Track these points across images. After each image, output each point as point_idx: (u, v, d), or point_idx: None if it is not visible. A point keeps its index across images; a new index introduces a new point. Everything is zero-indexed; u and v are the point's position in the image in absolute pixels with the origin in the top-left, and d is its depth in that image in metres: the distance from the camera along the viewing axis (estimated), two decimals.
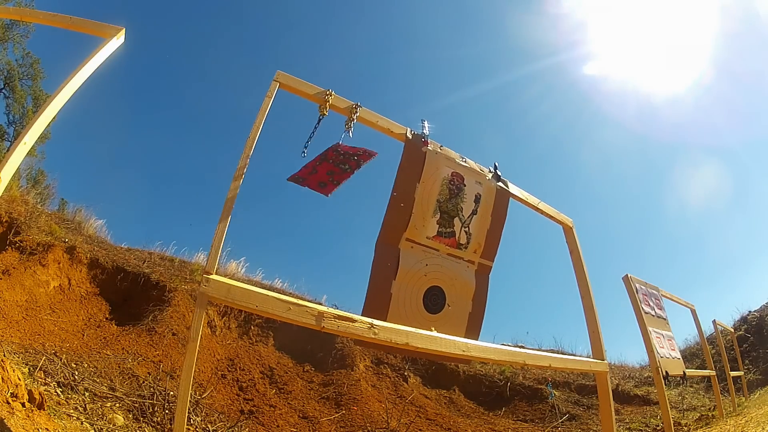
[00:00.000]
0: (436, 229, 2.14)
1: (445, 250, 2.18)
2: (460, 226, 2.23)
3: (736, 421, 4.40)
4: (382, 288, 1.97)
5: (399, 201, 2.03)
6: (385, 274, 1.99)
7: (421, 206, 2.09)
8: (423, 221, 2.10)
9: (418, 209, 2.08)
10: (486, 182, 2.36)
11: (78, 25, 2.03)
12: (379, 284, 1.97)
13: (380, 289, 1.97)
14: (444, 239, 2.17)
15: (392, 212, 2.02)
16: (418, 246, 2.09)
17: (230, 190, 1.53)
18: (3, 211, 5.46)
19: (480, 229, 2.30)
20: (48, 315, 4.58)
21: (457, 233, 2.21)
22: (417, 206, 2.08)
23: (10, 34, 12.00)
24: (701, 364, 7.87)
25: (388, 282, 1.99)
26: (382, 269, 1.99)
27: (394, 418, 4.67)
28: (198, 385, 4.39)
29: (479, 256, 2.31)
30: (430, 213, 2.13)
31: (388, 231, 2.03)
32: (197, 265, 7.43)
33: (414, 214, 2.07)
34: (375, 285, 1.97)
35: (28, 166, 10.46)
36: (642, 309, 3.89)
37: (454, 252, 2.21)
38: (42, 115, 1.63)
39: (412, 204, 2.06)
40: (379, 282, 1.98)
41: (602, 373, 2.49)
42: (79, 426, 2.47)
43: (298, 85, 1.82)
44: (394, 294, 1.99)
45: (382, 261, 2.00)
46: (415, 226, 2.08)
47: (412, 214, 2.06)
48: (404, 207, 2.04)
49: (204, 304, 1.36)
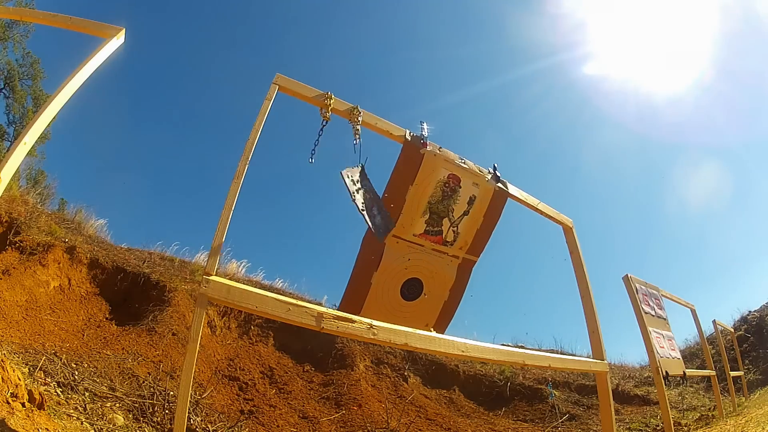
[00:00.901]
0: (424, 228, 2.20)
1: (430, 246, 2.24)
2: (449, 225, 2.28)
3: (736, 421, 4.40)
4: (363, 278, 2.07)
5: (389, 202, 2.08)
6: (367, 266, 2.08)
7: (411, 207, 2.14)
8: (411, 220, 2.15)
9: (407, 210, 2.13)
10: (483, 183, 2.37)
11: (78, 25, 2.03)
12: (361, 275, 2.07)
13: (361, 278, 2.07)
14: (430, 237, 2.23)
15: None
16: (404, 242, 2.16)
17: (230, 190, 1.53)
18: (3, 211, 5.47)
19: (469, 228, 2.34)
20: (48, 315, 4.58)
21: (445, 232, 2.27)
22: (407, 207, 2.13)
23: (10, 33, 12.01)
24: (701, 364, 7.86)
25: (369, 273, 2.08)
26: (365, 261, 2.08)
27: (394, 418, 4.67)
28: (198, 385, 4.39)
29: (464, 252, 2.37)
30: (420, 213, 2.17)
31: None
32: (197, 265, 7.43)
33: (403, 215, 2.13)
34: (356, 275, 2.06)
35: (28, 166, 10.48)
36: (642, 309, 3.89)
37: (438, 248, 2.27)
38: (42, 115, 1.63)
39: (402, 205, 2.12)
40: (361, 273, 2.07)
41: (602, 373, 2.49)
42: (79, 426, 2.47)
43: (298, 88, 1.82)
44: (373, 284, 2.09)
45: (367, 254, 2.09)
46: (403, 225, 2.14)
47: (401, 214, 2.12)
48: (394, 207, 2.09)
49: (204, 304, 1.36)
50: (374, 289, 2.09)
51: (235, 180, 1.55)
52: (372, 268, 2.09)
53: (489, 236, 2.42)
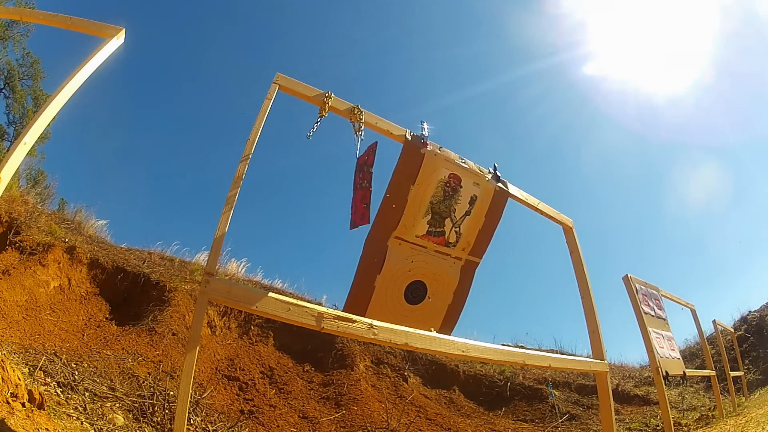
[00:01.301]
0: (426, 229, 2.18)
1: (432, 247, 2.23)
2: (451, 226, 2.26)
3: (736, 421, 4.40)
4: (366, 281, 2.04)
5: (391, 202, 2.07)
6: (370, 269, 2.06)
7: (412, 207, 2.12)
8: (413, 221, 2.14)
9: (409, 210, 2.12)
10: (484, 183, 2.36)
11: (78, 25, 2.03)
12: (364, 278, 2.04)
13: (364, 282, 2.04)
14: (433, 238, 2.21)
15: (384, 212, 2.06)
16: (406, 243, 2.14)
17: (230, 190, 1.53)
18: (3, 211, 5.46)
19: (471, 228, 2.33)
20: (48, 315, 4.58)
21: (447, 233, 2.25)
22: (409, 207, 2.11)
23: (11, 32, 12.01)
24: (701, 364, 7.87)
25: (372, 276, 2.05)
26: (368, 264, 2.06)
27: (394, 418, 4.67)
28: (198, 385, 4.39)
29: (467, 253, 2.35)
30: (422, 213, 2.16)
31: (379, 229, 2.06)
32: (197, 265, 7.43)
33: (405, 215, 2.11)
34: (360, 278, 2.03)
35: (28, 166, 10.47)
36: (642, 309, 3.89)
37: (441, 249, 2.25)
38: (42, 115, 1.63)
39: (404, 205, 2.10)
40: (364, 276, 2.04)
41: (602, 373, 2.49)
42: (79, 426, 2.47)
43: (298, 88, 1.82)
44: (377, 287, 2.06)
45: (370, 256, 2.06)
46: (405, 226, 2.12)
47: (403, 215, 2.10)
48: (396, 208, 2.08)
49: (204, 304, 1.36)
50: (378, 293, 2.06)
51: (235, 181, 1.55)
52: (375, 271, 2.06)
53: (491, 237, 2.41)
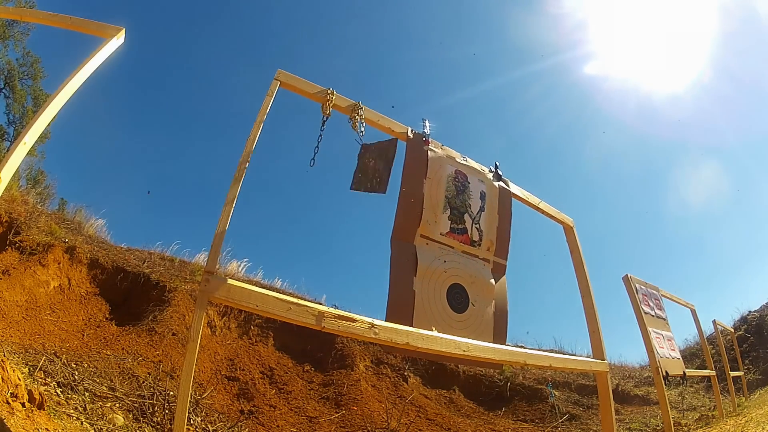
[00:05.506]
0: (449, 226, 2.14)
1: (459, 247, 2.18)
2: (471, 222, 2.22)
3: (736, 421, 4.40)
4: (403, 285, 1.90)
5: (409, 196, 2.02)
6: (404, 271, 1.93)
7: (430, 201, 2.08)
8: (435, 216, 2.09)
9: (428, 204, 2.07)
10: (488, 181, 2.37)
11: (78, 25, 2.03)
12: (400, 281, 1.90)
13: (402, 286, 1.90)
14: (457, 236, 2.16)
15: (403, 207, 2.01)
16: (434, 243, 2.08)
17: (231, 190, 1.52)
18: (3, 211, 5.46)
19: (490, 225, 2.30)
20: (48, 315, 4.58)
21: (469, 230, 2.21)
22: (427, 201, 2.07)
23: (11, 32, 11.99)
24: (701, 364, 7.86)
25: (409, 278, 1.92)
26: (400, 265, 1.94)
27: (394, 418, 4.67)
28: (198, 385, 4.38)
29: (493, 254, 2.30)
30: (441, 208, 2.12)
31: (402, 227, 2.00)
32: (197, 265, 7.42)
33: (425, 209, 2.05)
34: (396, 282, 1.89)
35: (28, 166, 10.44)
36: (642, 309, 3.89)
37: (468, 249, 2.21)
38: (42, 115, 1.63)
39: (422, 199, 2.06)
40: (400, 279, 1.91)
41: (602, 373, 2.49)
42: (79, 426, 2.46)
43: (299, 84, 1.82)
44: (417, 292, 1.91)
45: (400, 257, 1.95)
46: (428, 222, 2.06)
47: (423, 209, 2.05)
48: (414, 202, 2.04)
49: (204, 304, 1.36)
50: (420, 299, 1.91)
51: (236, 180, 1.54)
52: (410, 273, 1.93)
53: (509, 236, 2.35)
